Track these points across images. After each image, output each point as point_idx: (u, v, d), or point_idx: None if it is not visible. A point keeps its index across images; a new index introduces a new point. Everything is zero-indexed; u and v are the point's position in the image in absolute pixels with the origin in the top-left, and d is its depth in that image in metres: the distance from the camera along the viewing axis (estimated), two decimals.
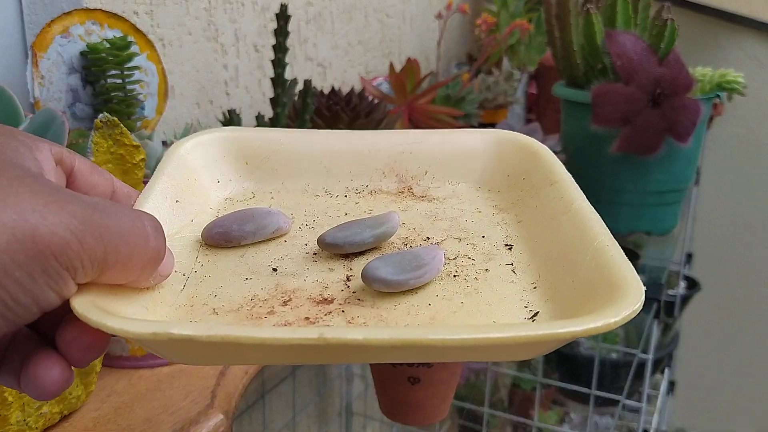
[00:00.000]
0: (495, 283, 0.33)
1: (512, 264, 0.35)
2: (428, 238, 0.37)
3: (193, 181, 0.38)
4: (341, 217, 0.38)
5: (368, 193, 0.41)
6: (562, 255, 0.34)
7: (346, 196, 0.40)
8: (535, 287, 0.33)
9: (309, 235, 0.37)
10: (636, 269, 0.31)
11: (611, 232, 0.33)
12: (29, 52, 0.58)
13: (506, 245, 0.36)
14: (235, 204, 0.39)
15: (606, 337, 1.28)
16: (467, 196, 0.41)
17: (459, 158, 0.42)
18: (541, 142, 1.00)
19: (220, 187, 0.39)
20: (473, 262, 0.35)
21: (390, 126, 0.81)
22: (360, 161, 0.41)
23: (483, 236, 0.37)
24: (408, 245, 0.36)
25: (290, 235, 0.37)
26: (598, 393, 0.97)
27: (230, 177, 0.40)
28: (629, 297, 0.27)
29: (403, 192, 0.41)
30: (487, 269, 0.34)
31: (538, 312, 0.31)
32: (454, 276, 0.33)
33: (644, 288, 0.29)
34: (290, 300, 0.31)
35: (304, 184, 0.41)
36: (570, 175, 0.39)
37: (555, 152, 1.04)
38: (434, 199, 0.41)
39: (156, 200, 0.34)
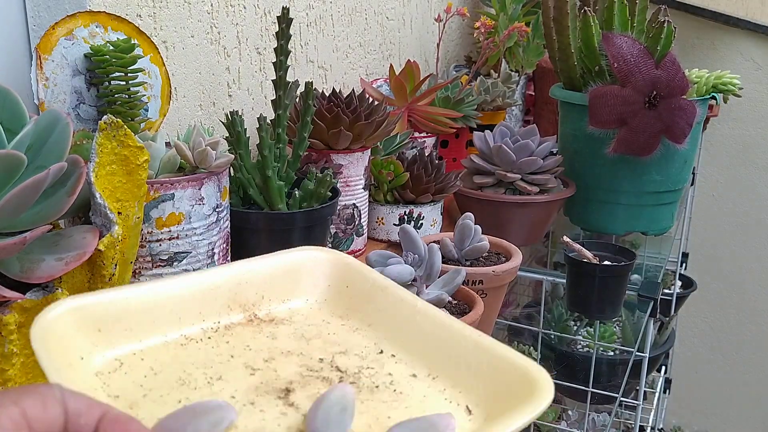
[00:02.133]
0: (407, 386, 0.37)
1: (399, 364, 0.39)
2: (322, 359, 0.39)
3: (67, 367, 0.35)
4: (231, 361, 0.38)
5: (224, 328, 0.42)
6: (444, 352, 0.39)
7: (209, 337, 0.41)
8: (444, 388, 0.37)
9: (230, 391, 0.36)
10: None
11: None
12: (33, 54, 0.58)
13: (380, 351, 0.40)
14: (107, 378, 0.36)
15: (603, 335, 1.29)
16: (305, 311, 0.45)
17: (283, 278, 0.45)
18: (539, 143, 1.01)
19: (86, 365, 0.37)
20: (375, 371, 0.38)
21: (390, 127, 0.82)
22: (205, 301, 0.42)
23: (356, 345, 0.41)
24: (317, 374, 0.38)
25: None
26: (596, 390, 0.98)
27: (89, 350, 0.37)
28: (543, 388, 0.34)
29: (252, 320, 0.43)
30: (390, 373, 0.38)
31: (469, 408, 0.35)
32: (376, 387, 0.37)
33: (547, 374, 0.34)
34: None
35: (163, 337, 0.40)
36: (391, 281, 0.44)
37: (552, 153, 1.05)
38: (283, 320, 0.44)
39: None
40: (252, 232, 0.67)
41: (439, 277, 0.61)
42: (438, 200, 0.87)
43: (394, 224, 0.85)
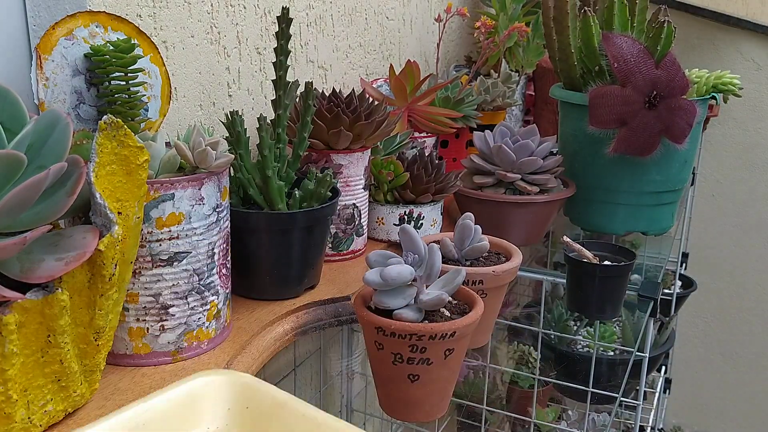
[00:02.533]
0: None
1: None
2: None
3: None
4: None
5: None
6: None
7: None
8: None
9: None
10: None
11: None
12: (33, 54, 0.58)
13: None
14: None
15: (603, 335, 1.29)
16: None
17: (181, 411, 0.44)
18: (539, 143, 1.01)
19: None
20: None
21: (390, 127, 0.82)
22: None
23: None
24: None
25: None
26: (596, 390, 0.98)
27: None
28: None
29: None
30: None
31: None
32: None
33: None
34: None
35: None
36: (290, 394, 0.43)
37: (552, 153, 1.05)
38: None
39: None
40: (252, 232, 0.67)
41: (439, 277, 0.61)
42: (438, 200, 0.87)
43: (394, 224, 0.85)
